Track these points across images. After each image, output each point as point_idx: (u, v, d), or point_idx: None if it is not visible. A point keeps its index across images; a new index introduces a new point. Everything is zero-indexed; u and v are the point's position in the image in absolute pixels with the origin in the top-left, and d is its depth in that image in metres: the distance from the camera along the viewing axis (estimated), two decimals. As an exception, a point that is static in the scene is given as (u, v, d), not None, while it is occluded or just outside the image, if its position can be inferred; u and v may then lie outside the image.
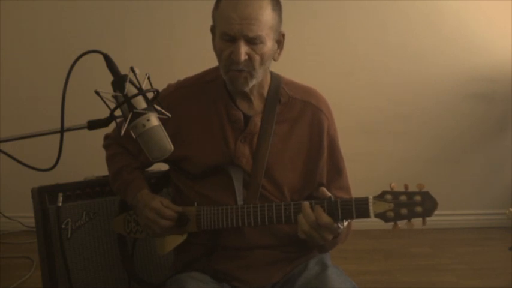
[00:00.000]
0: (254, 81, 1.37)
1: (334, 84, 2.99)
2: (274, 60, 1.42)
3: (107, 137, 1.64)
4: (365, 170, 3.04)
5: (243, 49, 1.31)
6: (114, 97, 1.14)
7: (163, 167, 1.62)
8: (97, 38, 3.03)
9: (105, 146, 1.64)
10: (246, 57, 1.32)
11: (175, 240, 1.47)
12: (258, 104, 1.45)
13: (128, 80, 1.13)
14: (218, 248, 1.43)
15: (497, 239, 3.09)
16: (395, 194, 1.22)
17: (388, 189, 1.23)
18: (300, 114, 1.45)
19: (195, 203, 1.43)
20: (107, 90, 1.14)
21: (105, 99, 1.13)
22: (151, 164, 1.59)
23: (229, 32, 1.31)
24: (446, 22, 3.07)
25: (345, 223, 1.29)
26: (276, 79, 1.48)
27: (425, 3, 3.04)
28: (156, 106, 1.15)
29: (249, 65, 1.34)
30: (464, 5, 3.04)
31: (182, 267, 1.48)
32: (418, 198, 1.21)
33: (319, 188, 1.41)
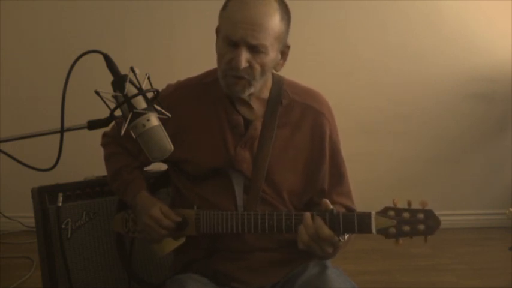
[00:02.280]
0: (252, 90, 1.35)
1: (334, 84, 2.99)
2: (276, 71, 1.40)
3: (105, 135, 1.62)
4: (365, 170, 3.04)
5: (244, 56, 1.28)
6: (114, 97, 1.14)
7: (162, 166, 1.62)
8: (97, 38, 3.02)
9: (103, 145, 1.62)
10: (247, 64, 1.29)
11: (174, 243, 1.47)
12: (258, 108, 1.42)
13: (128, 80, 1.13)
14: (217, 250, 1.43)
15: (497, 239, 3.09)
16: (398, 211, 1.21)
17: (391, 204, 1.22)
18: (301, 118, 1.43)
19: (195, 206, 1.42)
20: (107, 90, 1.13)
21: (105, 99, 1.13)
22: (150, 163, 1.58)
23: (232, 36, 1.28)
24: (446, 22, 3.07)
25: (346, 236, 1.28)
26: (278, 81, 1.45)
27: (425, 4, 3.04)
28: (156, 106, 1.15)
29: (249, 73, 1.31)
30: (464, 5, 3.04)
31: (182, 268, 1.47)
32: (421, 216, 1.20)
33: (321, 196, 1.41)
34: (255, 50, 1.28)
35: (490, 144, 3.22)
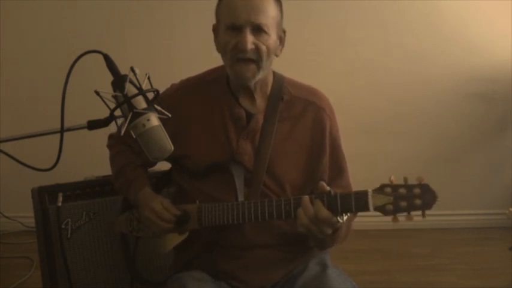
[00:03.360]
0: (260, 75, 1.38)
1: (334, 84, 2.98)
2: (276, 55, 1.43)
3: (111, 137, 1.64)
4: (365, 170, 3.02)
5: (250, 37, 1.32)
6: (114, 97, 1.14)
7: (165, 166, 1.62)
8: (97, 38, 3.03)
9: (109, 146, 1.64)
10: (253, 46, 1.33)
11: (175, 239, 1.47)
12: (260, 102, 1.45)
13: (128, 80, 1.13)
14: (218, 246, 1.43)
15: (497, 239, 3.09)
16: (395, 187, 1.20)
17: (388, 182, 1.22)
18: (302, 113, 1.46)
19: (197, 201, 1.43)
20: (107, 90, 1.14)
21: (105, 99, 1.13)
22: (154, 163, 1.58)
23: (236, 20, 1.32)
24: (446, 22, 3.07)
25: (345, 217, 1.29)
26: (278, 78, 1.49)
27: (425, 3, 3.04)
28: (156, 106, 1.16)
29: (256, 55, 1.34)
30: (464, 5, 3.04)
31: (182, 266, 1.48)
32: (417, 190, 1.19)
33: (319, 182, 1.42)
34: (258, 30, 1.33)
35: (490, 144, 3.22)
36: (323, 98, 1.50)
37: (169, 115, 1.16)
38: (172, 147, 1.15)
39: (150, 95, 1.16)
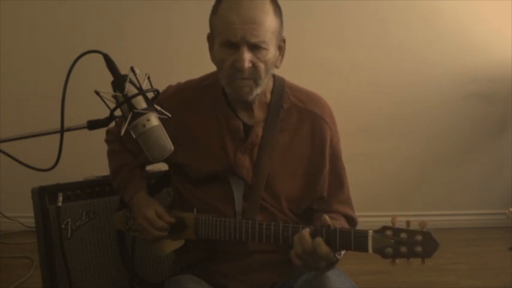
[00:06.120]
0: (258, 90, 1.33)
1: (334, 84, 2.99)
2: (276, 67, 1.38)
3: (109, 132, 1.62)
4: (365, 171, 3.04)
5: (247, 56, 1.26)
6: (114, 97, 1.14)
7: (163, 166, 1.62)
8: (97, 38, 3.03)
9: (107, 141, 1.63)
10: (250, 64, 1.27)
11: (173, 244, 1.47)
12: (259, 112, 1.41)
13: (128, 80, 1.13)
14: (217, 251, 1.43)
15: (497, 239, 3.08)
16: (396, 231, 1.18)
17: (389, 223, 1.19)
18: (302, 122, 1.41)
19: (194, 209, 1.42)
20: (107, 90, 1.14)
21: (105, 99, 1.14)
22: (151, 162, 1.58)
23: (231, 38, 1.25)
24: (446, 22, 3.07)
25: (342, 253, 1.27)
26: (279, 83, 1.43)
27: (425, 4, 3.04)
28: (156, 106, 1.16)
29: (254, 74, 1.29)
30: (464, 5, 3.04)
31: (181, 269, 1.47)
32: (419, 237, 1.16)
33: (319, 203, 1.41)
34: (256, 48, 1.27)
35: (490, 144, 3.22)
36: (325, 107, 1.45)
37: (169, 115, 1.16)
38: (173, 148, 1.15)
39: (150, 95, 1.16)
